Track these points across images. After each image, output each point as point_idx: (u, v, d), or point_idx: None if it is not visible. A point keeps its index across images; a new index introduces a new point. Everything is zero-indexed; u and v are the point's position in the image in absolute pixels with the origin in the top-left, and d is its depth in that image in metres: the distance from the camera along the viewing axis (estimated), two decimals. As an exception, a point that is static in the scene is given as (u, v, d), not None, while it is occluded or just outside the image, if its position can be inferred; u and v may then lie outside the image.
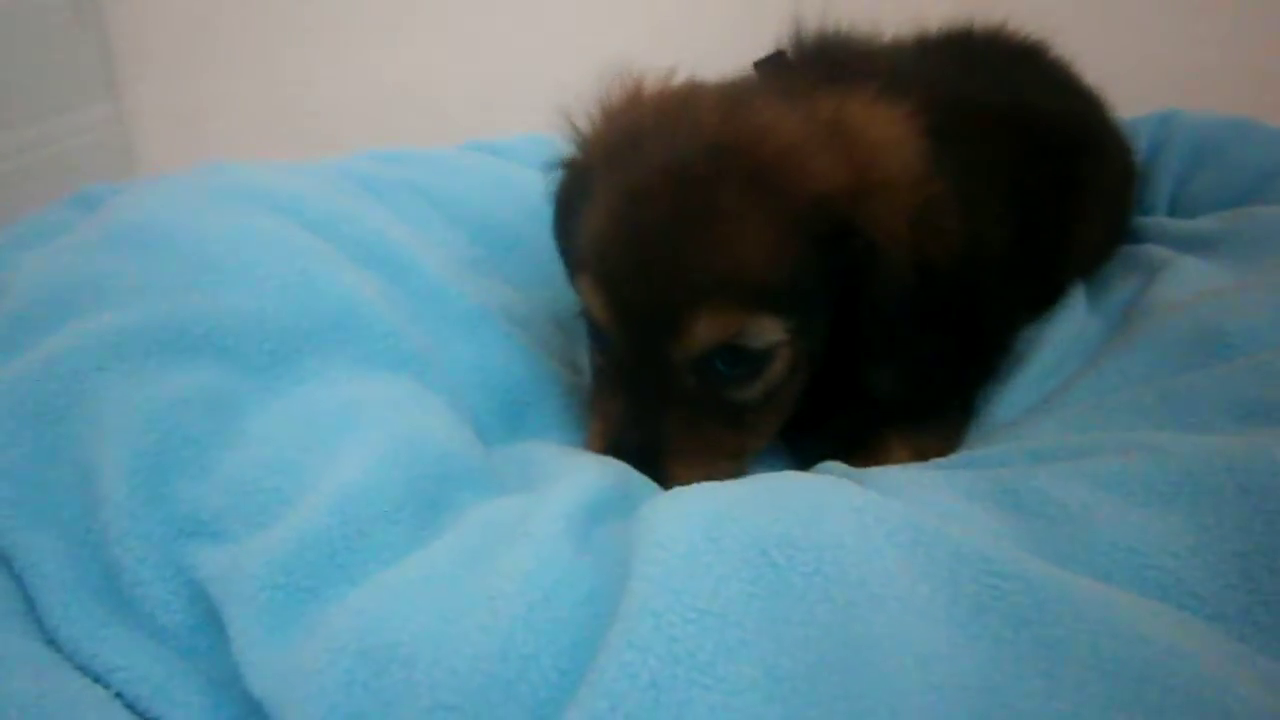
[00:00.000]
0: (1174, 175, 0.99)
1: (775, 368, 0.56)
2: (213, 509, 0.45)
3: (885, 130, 0.58)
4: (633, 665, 0.34)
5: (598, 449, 0.57)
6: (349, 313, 0.57)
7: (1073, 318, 0.73)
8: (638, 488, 0.51)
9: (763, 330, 0.54)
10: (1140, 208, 0.96)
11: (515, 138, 1.01)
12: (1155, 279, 0.73)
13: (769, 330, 0.54)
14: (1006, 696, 0.33)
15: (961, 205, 0.57)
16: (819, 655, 0.34)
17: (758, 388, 0.56)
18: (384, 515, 0.44)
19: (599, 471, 0.50)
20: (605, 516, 0.45)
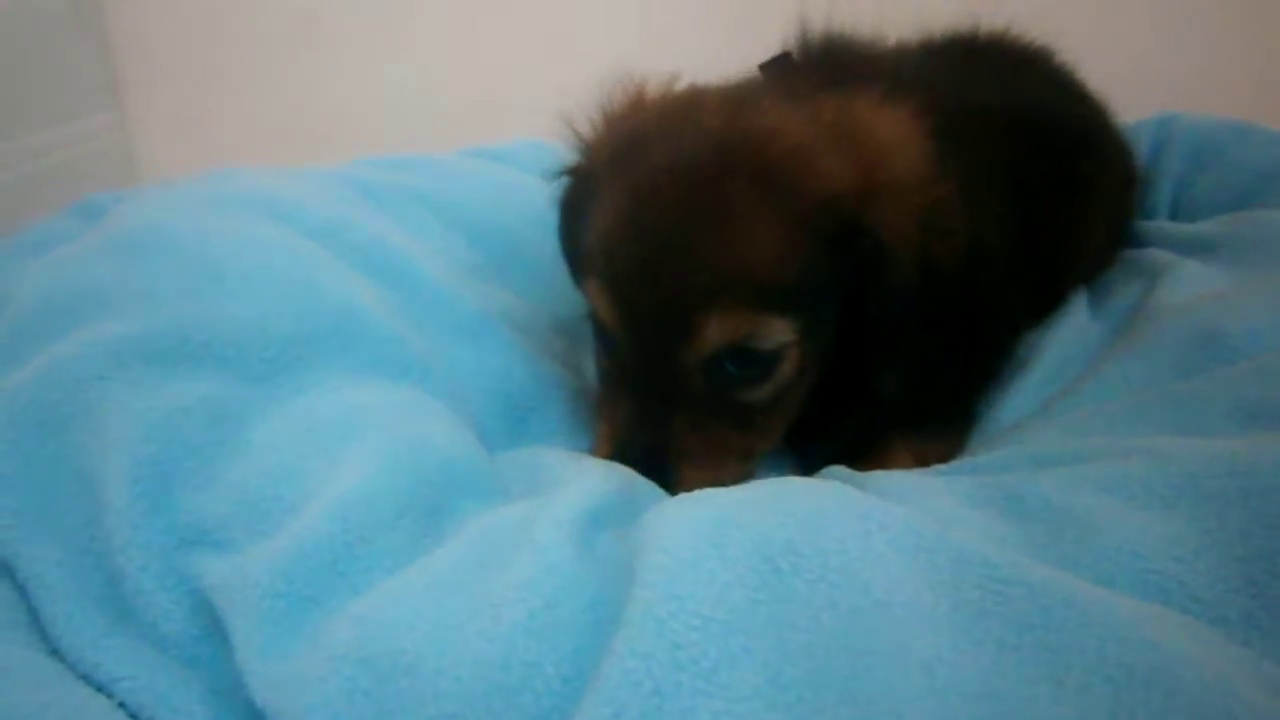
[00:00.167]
0: (1174, 179, 0.99)
1: (784, 369, 0.56)
2: (215, 518, 0.45)
3: (892, 131, 0.58)
4: (636, 672, 0.34)
5: (605, 452, 0.57)
6: (350, 320, 0.57)
7: (1074, 323, 0.73)
8: (641, 494, 0.51)
9: (772, 331, 0.54)
10: (1141, 212, 0.96)
11: (515, 143, 1.01)
12: (1157, 283, 0.73)
13: (778, 331, 0.54)
14: (1011, 702, 0.33)
15: (966, 208, 0.57)
16: (823, 661, 0.34)
17: (767, 389, 0.56)
18: (386, 523, 0.44)
19: (602, 477, 0.49)
20: (608, 523, 0.45)
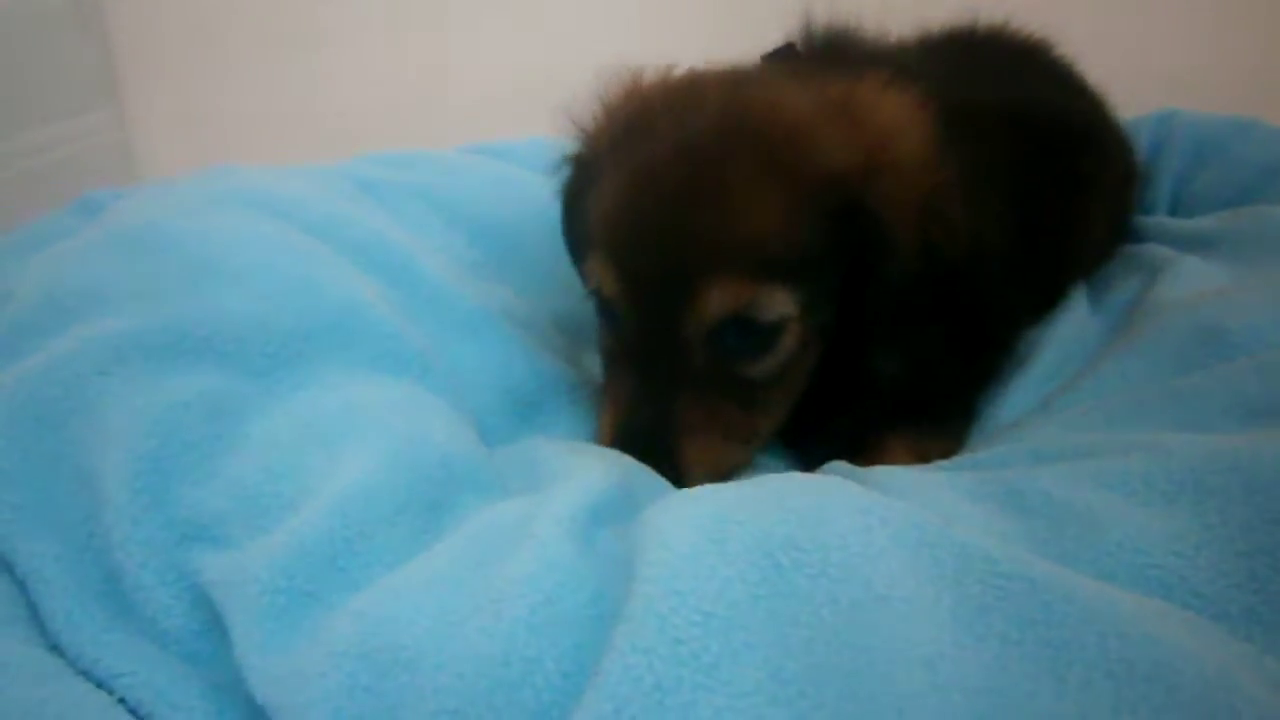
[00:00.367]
0: (1174, 175, 0.99)
1: (786, 342, 0.56)
2: (214, 513, 0.45)
3: (896, 114, 0.58)
4: (637, 668, 0.34)
5: (608, 432, 0.57)
6: (350, 316, 0.57)
7: (1074, 318, 0.73)
8: (641, 489, 0.51)
9: (774, 301, 0.54)
10: (1141, 207, 0.96)
11: (515, 140, 1.01)
12: (1157, 279, 0.72)
13: (780, 302, 0.54)
14: (1013, 697, 0.33)
15: (966, 203, 0.57)
16: (824, 657, 0.34)
17: (769, 363, 0.57)
18: (386, 518, 0.44)
19: (602, 472, 0.49)
20: (609, 518, 0.45)
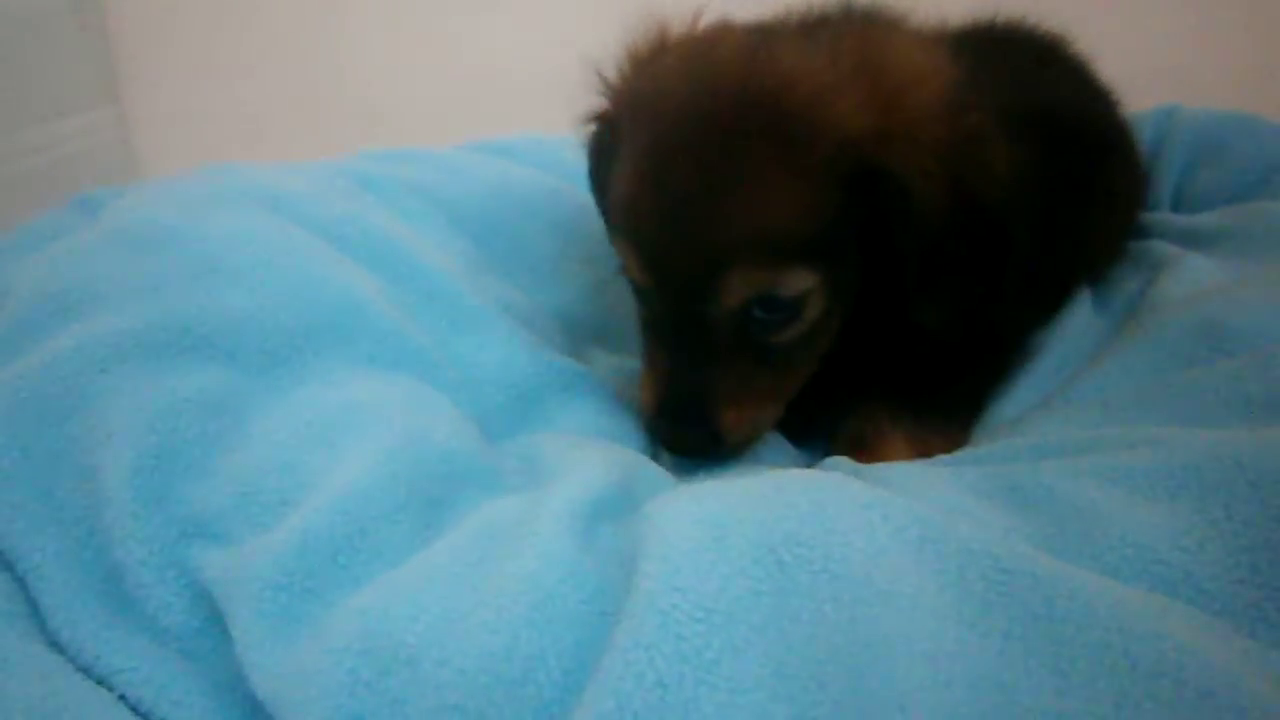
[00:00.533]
0: (1177, 171, 0.99)
1: (810, 312, 0.57)
2: (215, 510, 0.45)
3: (912, 63, 0.57)
4: (639, 664, 0.34)
5: (650, 401, 0.60)
6: (351, 313, 0.57)
7: (1078, 315, 0.73)
8: (642, 485, 0.51)
9: (795, 280, 0.55)
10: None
11: (515, 137, 1.01)
12: (1159, 275, 0.72)
13: (801, 279, 0.55)
14: (1016, 693, 0.33)
15: (998, 136, 0.56)
16: (826, 653, 0.34)
17: (794, 331, 0.58)
18: (386, 515, 0.44)
19: (604, 469, 0.49)
20: (610, 514, 0.45)
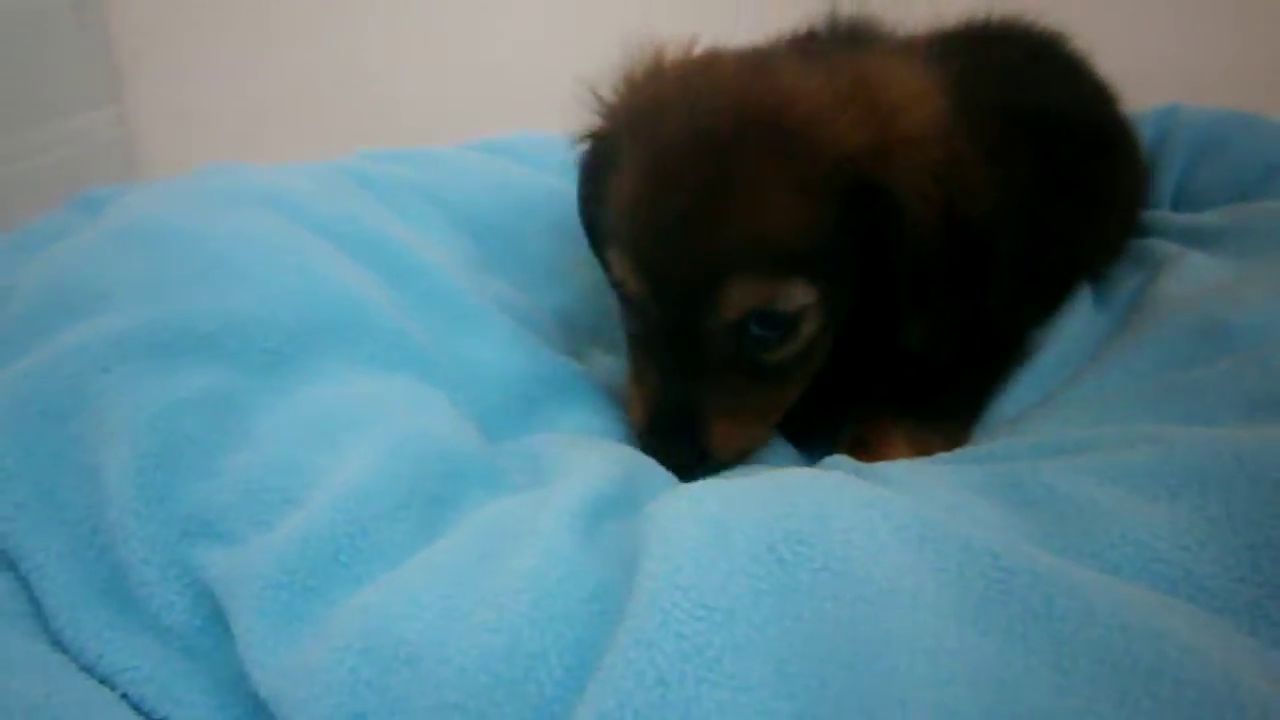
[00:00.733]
0: (1178, 170, 0.99)
1: (806, 328, 0.57)
2: (218, 509, 0.45)
3: (906, 86, 0.58)
4: (640, 663, 0.34)
5: (640, 418, 0.59)
6: (352, 312, 0.57)
7: (1078, 313, 0.73)
8: (644, 484, 0.51)
9: (793, 295, 0.55)
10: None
11: (515, 136, 1.01)
12: (1160, 274, 0.72)
13: (799, 295, 0.55)
14: (1017, 691, 0.33)
15: (984, 161, 0.57)
16: (827, 651, 0.34)
17: (790, 348, 0.58)
18: (388, 514, 0.44)
19: (605, 467, 0.49)
20: (611, 513, 0.45)
